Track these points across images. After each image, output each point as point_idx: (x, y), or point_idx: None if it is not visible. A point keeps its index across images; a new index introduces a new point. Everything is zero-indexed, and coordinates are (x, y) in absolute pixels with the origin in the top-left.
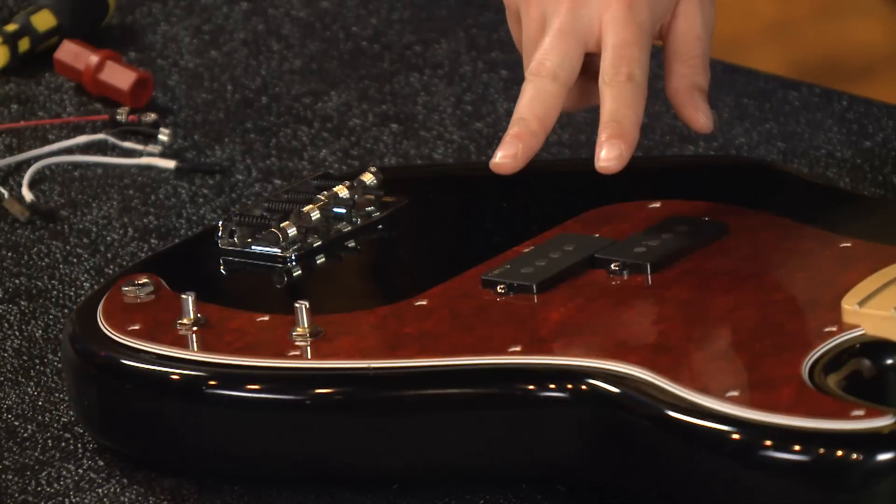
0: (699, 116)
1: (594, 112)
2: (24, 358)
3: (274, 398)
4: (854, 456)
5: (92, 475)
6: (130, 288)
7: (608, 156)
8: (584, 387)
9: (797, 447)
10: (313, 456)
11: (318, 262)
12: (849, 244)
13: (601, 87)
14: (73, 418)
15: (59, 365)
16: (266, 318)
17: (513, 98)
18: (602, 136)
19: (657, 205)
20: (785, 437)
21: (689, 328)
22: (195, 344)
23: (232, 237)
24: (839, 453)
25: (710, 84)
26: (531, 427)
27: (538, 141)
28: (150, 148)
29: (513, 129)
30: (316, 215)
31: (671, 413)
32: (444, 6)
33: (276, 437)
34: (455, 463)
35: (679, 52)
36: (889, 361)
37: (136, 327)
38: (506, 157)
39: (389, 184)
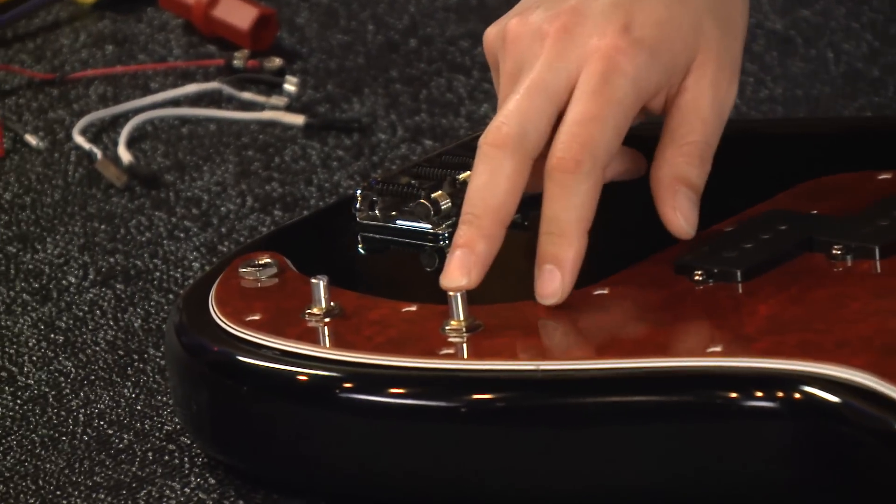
0: (675, 218)
1: (814, 62)
2: (120, 353)
3: (422, 405)
4: None
5: (201, 495)
6: (249, 269)
7: (544, 291)
8: (797, 395)
9: None
10: (468, 475)
11: None
12: None
13: (544, 176)
14: (178, 426)
15: (163, 362)
16: (413, 308)
17: None
18: (537, 257)
19: (888, 176)
20: None
21: None
22: (327, 339)
23: (373, 209)
24: None
25: (706, 180)
26: (732, 443)
27: (495, 244)
28: (275, 100)
29: (461, 235)
30: None
31: None
32: None
33: (423, 453)
34: (639, 485)
35: (675, 134)
36: None
37: (256, 317)
38: (454, 278)
39: None
